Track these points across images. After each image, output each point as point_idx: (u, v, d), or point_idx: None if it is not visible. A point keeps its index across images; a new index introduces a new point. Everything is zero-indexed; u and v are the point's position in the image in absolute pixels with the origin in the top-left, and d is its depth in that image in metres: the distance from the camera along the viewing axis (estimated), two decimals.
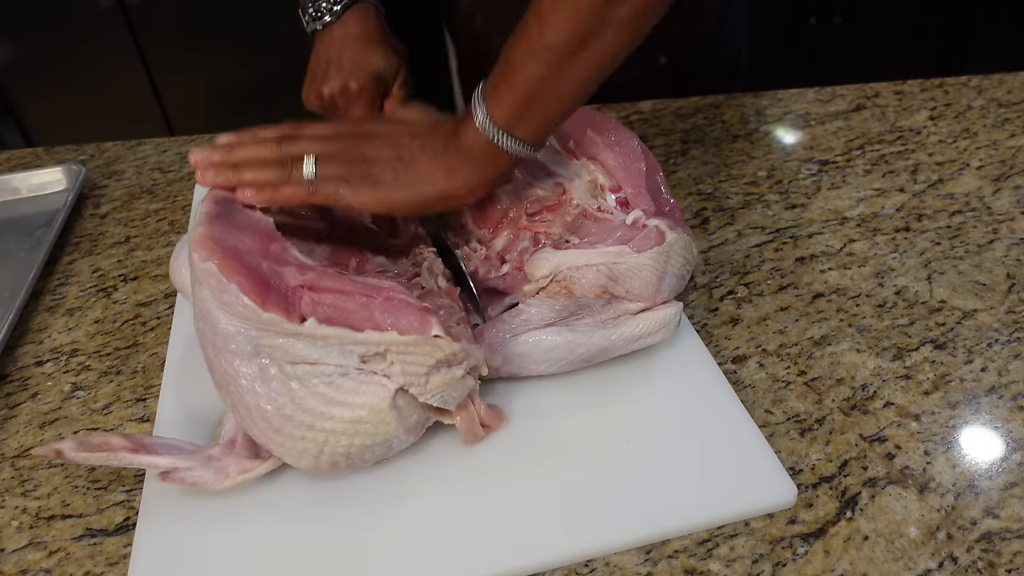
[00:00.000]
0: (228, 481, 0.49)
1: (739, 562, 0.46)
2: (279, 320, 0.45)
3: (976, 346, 0.58)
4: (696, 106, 0.91)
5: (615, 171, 0.59)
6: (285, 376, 0.46)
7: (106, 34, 1.89)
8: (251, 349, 0.46)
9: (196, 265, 0.47)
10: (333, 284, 0.48)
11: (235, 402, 0.47)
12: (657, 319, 0.55)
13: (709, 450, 0.51)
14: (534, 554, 0.46)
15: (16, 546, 0.50)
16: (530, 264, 0.54)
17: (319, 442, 0.47)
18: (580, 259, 0.53)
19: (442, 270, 0.59)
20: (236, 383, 0.46)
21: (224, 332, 0.46)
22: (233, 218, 0.51)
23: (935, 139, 0.81)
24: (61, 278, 0.74)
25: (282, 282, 0.48)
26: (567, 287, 0.53)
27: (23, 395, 0.61)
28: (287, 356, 0.46)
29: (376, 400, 0.47)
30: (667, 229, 0.55)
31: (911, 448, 0.51)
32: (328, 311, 0.47)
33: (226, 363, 0.47)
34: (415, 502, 0.49)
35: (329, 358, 0.46)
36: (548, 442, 0.52)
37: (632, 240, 0.54)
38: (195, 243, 0.47)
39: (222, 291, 0.46)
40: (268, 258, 0.49)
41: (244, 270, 0.47)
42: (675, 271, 0.56)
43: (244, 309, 0.46)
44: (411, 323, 0.47)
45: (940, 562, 0.45)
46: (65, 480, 0.54)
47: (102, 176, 0.89)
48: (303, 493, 0.50)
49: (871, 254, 0.67)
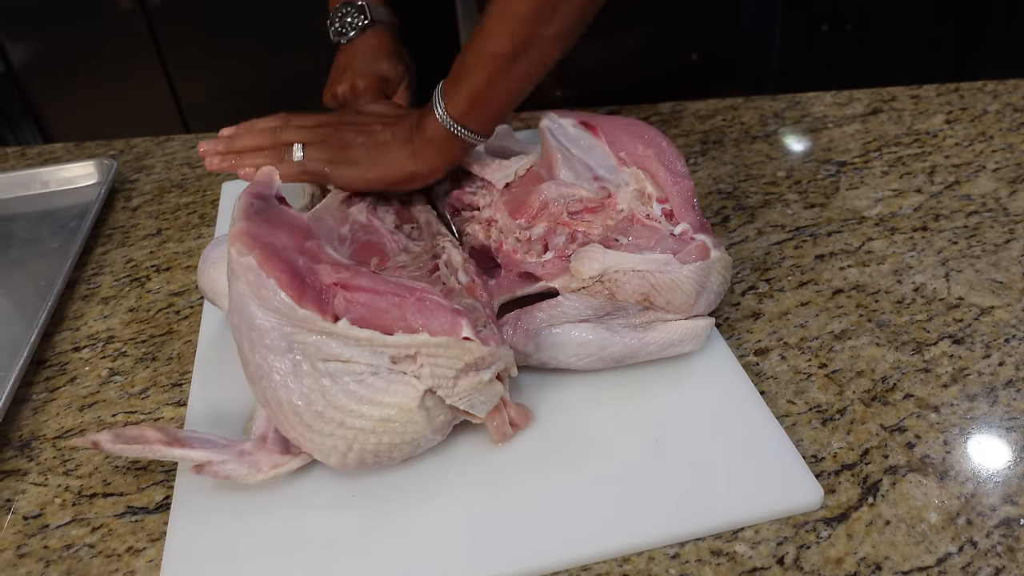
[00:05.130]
0: (260, 475, 0.50)
1: (764, 544, 0.47)
2: (314, 317, 0.47)
3: (993, 341, 0.59)
4: (715, 108, 0.92)
5: (664, 185, 0.61)
6: (317, 373, 0.47)
7: (125, 35, 1.91)
8: (285, 345, 0.47)
9: (234, 260, 0.48)
10: (367, 283, 0.49)
11: (267, 397, 0.48)
12: (688, 329, 0.56)
13: (737, 452, 0.51)
14: (560, 552, 0.47)
15: (60, 522, 0.52)
16: (579, 260, 0.55)
17: (348, 439, 0.48)
18: (627, 263, 0.54)
19: (461, 264, 0.60)
20: (269, 378, 0.48)
21: (259, 327, 0.47)
22: (270, 215, 0.52)
23: (951, 142, 0.83)
24: (95, 268, 0.76)
25: (317, 280, 0.49)
26: (611, 289, 0.54)
27: (62, 379, 0.63)
28: (320, 353, 0.47)
29: (405, 400, 0.48)
30: (712, 246, 0.56)
31: (931, 438, 0.53)
32: (361, 311, 0.48)
33: (260, 358, 0.48)
34: (443, 499, 0.50)
35: (361, 357, 0.48)
36: (575, 440, 0.53)
37: (679, 252, 0.55)
38: (234, 238, 0.49)
39: (260, 286, 0.47)
40: (304, 255, 0.50)
41: (282, 265, 0.48)
42: (713, 288, 0.57)
43: (281, 304, 0.47)
44: (442, 325, 0.48)
45: (960, 546, 0.46)
46: (106, 460, 0.56)
47: (132, 171, 0.91)
48: (331, 489, 0.51)
49: (889, 252, 0.68)
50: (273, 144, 0.66)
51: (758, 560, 0.46)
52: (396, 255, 0.63)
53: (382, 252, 0.63)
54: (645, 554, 0.47)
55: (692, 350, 0.57)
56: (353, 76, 0.77)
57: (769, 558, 0.46)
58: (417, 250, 0.64)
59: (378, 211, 0.67)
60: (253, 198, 0.53)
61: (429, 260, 0.62)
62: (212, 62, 1.96)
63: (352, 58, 0.79)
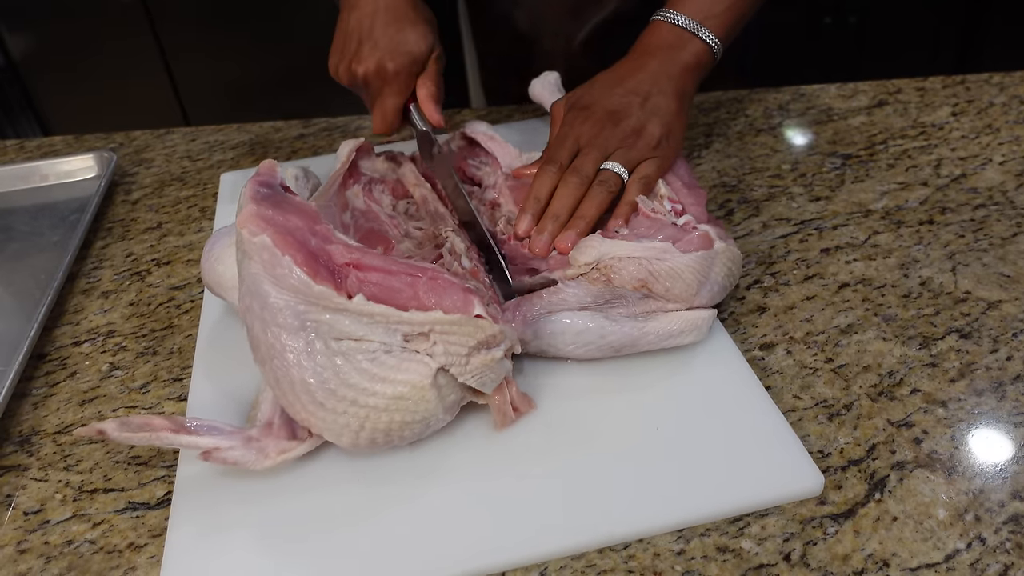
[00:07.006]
0: (268, 461, 0.49)
1: (770, 540, 0.47)
2: (329, 294, 0.47)
3: (1001, 336, 0.59)
4: (718, 100, 0.91)
5: (678, 189, 0.61)
6: (330, 351, 0.47)
7: (125, 27, 1.90)
8: (298, 323, 0.47)
9: (246, 240, 0.48)
10: (379, 263, 0.49)
11: (279, 376, 0.48)
12: (689, 320, 0.56)
13: (736, 440, 0.51)
14: (562, 537, 0.47)
15: (61, 518, 0.52)
16: (576, 248, 0.55)
17: (360, 417, 0.48)
18: (624, 250, 0.54)
19: (464, 250, 0.60)
20: (282, 357, 0.47)
21: (273, 306, 0.47)
22: (277, 200, 0.52)
23: (957, 135, 0.82)
24: (95, 262, 0.75)
25: (330, 259, 0.49)
26: (607, 275, 0.54)
27: (62, 374, 0.63)
28: (333, 332, 0.47)
29: (418, 378, 0.48)
30: (716, 237, 0.56)
31: (938, 433, 0.52)
32: (374, 289, 0.48)
33: (273, 337, 0.48)
34: (449, 483, 0.50)
35: (374, 335, 0.47)
36: (576, 428, 0.53)
37: (679, 241, 0.55)
38: (245, 220, 0.48)
39: (275, 264, 0.47)
40: (315, 236, 0.50)
41: (296, 244, 0.48)
42: (717, 279, 0.56)
43: (296, 282, 0.47)
44: (455, 303, 0.48)
45: (968, 543, 0.46)
46: (106, 456, 0.55)
47: (132, 164, 0.91)
48: (337, 473, 0.51)
49: (896, 246, 0.68)
50: (580, 178, 0.61)
51: (764, 556, 0.46)
52: (400, 242, 0.64)
53: (386, 240, 0.64)
54: (650, 550, 0.47)
55: (693, 341, 0.57)
56: (377, 53, 0.69)
57: (775, 554, 0.46)
58: (419, 235, 0.65)
59: (374, 192, 0.68)
60: (259, 185, 0.53)
61: (432, 249, 0.63)
62: (212, 54, 1.95)
63: (367, 23, 0.69)
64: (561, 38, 0.96)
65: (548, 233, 0.58)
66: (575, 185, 0.60)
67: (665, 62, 0.66)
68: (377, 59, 0.68)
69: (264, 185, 0.52)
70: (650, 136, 0.63)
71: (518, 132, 0.84)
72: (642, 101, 0.64)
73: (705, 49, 0.68)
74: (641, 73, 0.66)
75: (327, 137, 0.92)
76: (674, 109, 0.65)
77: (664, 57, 0.67)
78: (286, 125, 0.95)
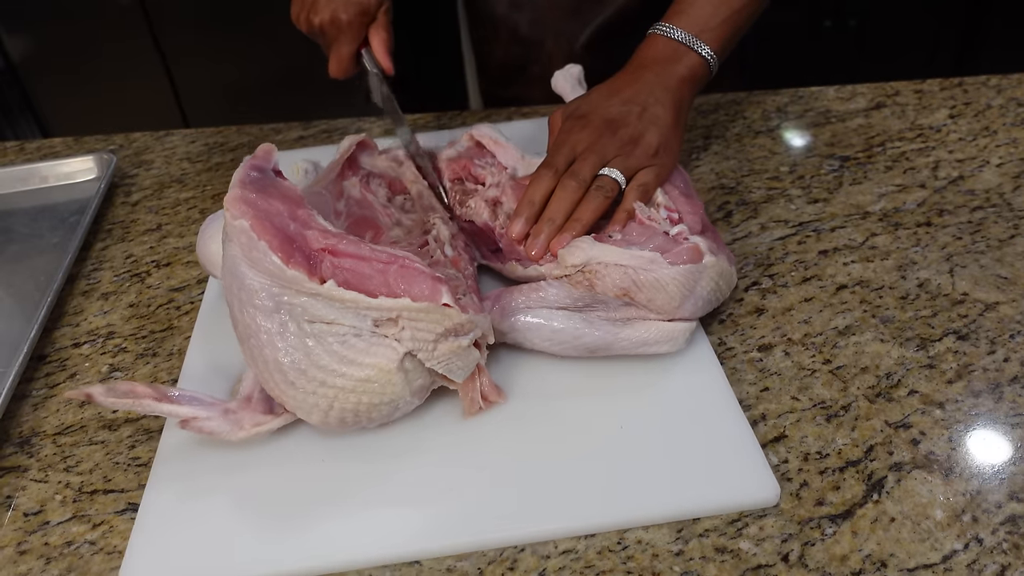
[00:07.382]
0: (242, 433, 0.51)
1: (768, 541, 0.47)
2: (301, 279, 0.49)
3: (999, 337, 0.59)
4: (717, 103, 0.92)
5: (675, 198, 0.61)
6: (303, 333, 0.49)
7: (125, 29, 1.90)
8: (273, 305, 0.49)
9: (228, 223, 0.50)
10: (353, 250, 0.51)
11: (255, 355, 0.50)
12: (665, 331, 0.56)
13: (697, 445, 0.51)
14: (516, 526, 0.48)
15: (61, 519, 0.52)
16: (565, 249, 0.56)
17: (329, 397, 0.49)
18: (612, 256, 0.54)
19: (449, 238, 0.62)
20: (257, 337, 0.49)
21: (249, 287, 0.49)
22: (264, 184, 0.54)
23: (955, 137, 0.82)
24: (95, 263, 0.75)
25: (306, 244, 0.51)
26: (591, 280, 0.54)
27: (62, 375, 0.63)
28: (306, 314, 0.49)
29: (385, 361, 0.49)
30: (707, 250, 0.56)
31: (936, 435, 0.52)
32: (347, 275, 0.50)
33: (249, 317, 0.50)
34: (417, 466, 0.52)
35: (344, 319, 0.49)
36: (544, 424, 0.54)
37: (669, 252, 0.55)
38: (228, 203, 0.51)
39: (251, 248, 0.49)
40: (295, 221, 0.52)
41: (273, 229, 0.50)
42: (702, 294, 0.56)
43: (271, 266, 0.49)
44: (423, 291, 0.50)
45: (966, 544, 0.46)
46: (106, 457, 0.56)
47: (131, 166, 0.91)
48: (311, 449, 0.53)
49: (893, 248, 0.68)
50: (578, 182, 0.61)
51: (763, 557, 0.46)
52: (390, 229, 0.66)
53: (376, 226, 0.66)
54: (649, 551, 0.47)
55: (668, 352, 0.57)
56: (332, 5, 0.75)
57: (774, 555, 0.46)
58: (409, 224, 0.66)
59: (371, 184, 0.70)
60: (251, 169, 0.55)
61: (420, 235, 0.64)
62: (212, 56, 1.95)
63: None
64: (563, 40, 0.96)
65: (544, 236, 0.59)
66: (572, 189, 0.60)
67: (661, 74, 0.67)
68: (332, 10, 0.75)
69: (255, 169, 0.55)
70: (648, 145, 0.63)
71: (518, 133, 0.84)
72: (640, 111, 0.64)
73: (701, 62, 0.68)
74: (638, 84, 0.67)
75: (327, 139, 0.92)
76: (671, 120, 0.65)
77: (660, 70, 0.68)
78: (286, 127, 0.96)
